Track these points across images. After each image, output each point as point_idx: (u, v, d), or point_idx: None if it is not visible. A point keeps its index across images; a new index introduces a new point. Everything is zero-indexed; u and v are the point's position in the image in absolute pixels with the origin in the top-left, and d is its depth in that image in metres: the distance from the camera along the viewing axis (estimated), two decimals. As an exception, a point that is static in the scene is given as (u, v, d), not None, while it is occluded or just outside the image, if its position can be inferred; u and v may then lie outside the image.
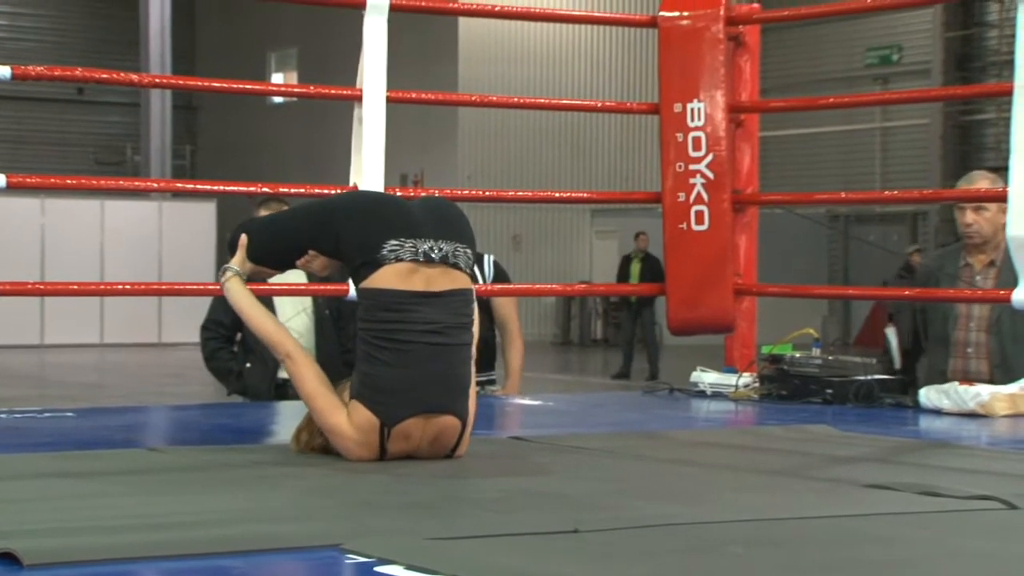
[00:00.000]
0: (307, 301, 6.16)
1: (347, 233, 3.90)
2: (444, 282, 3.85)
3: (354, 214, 3.97)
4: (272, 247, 4.12)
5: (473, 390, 3.96)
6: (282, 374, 5.91)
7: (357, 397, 3.80)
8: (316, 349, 6.01)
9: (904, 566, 2.63)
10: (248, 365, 6.20)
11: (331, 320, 6.18)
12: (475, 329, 3.97)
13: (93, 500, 3.22)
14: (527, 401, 6.10)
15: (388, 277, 3.80)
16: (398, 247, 3.81)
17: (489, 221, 27.40)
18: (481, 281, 6.23)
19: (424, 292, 3.81)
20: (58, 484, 3.48)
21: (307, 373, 3.86)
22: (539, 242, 28.71)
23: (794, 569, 2.56)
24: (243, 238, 4.05)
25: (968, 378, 5.71)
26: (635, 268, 18.58)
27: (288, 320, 6.00)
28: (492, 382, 6.61)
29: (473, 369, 3.95)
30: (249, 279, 4.08)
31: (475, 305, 3.96)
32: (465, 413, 3.88)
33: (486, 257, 6.41)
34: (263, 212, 5.98)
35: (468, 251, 3.92)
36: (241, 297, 3.99)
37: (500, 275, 6.51)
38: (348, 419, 3.80)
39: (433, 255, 3.83)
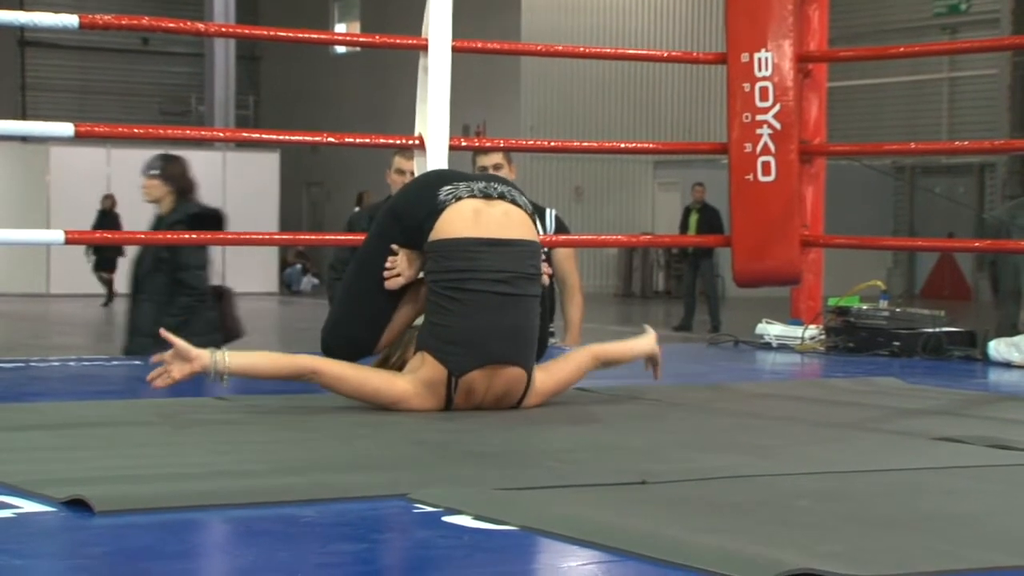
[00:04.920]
0: None
1: (404, 204, 3.97)
2: (510, 228, 3.85)
3: (404, 191, 4.09)
4: (363, 279, 3.99)
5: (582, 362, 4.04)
6: None
7: (425, 348, 3.80)
8: None
9: (974, 519, 2.61)
10: None
11: None
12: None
13: (162, 448, 3.25)
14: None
15: (454, 221, 3.82)
16: (453, 189, 3.87)
17: (551, 172, 27.33)
18: (542, 235, 6.21)
19: (491, 239, 3.81)
20: (127, 432, 3.51)
21: (340, 374, 3.83)
22: (601, 194, 28.59)
23: (863, 522, 2.54)
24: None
25: (1040, 331, 5.65)
26: (693, 219, 18.50)
27: None
28: (552, 334, 6.61)
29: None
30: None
31: (541, 259, 3.97)
32: (531, 365, 3.88)
33: (548, 211, 6.37)
34: (395, 158, 5.96)
35: (524, 196, 3.96)
36: (242, 363, 3.74)
37: (561, 230, 6.46)
38: (411, 378, 3.79)
39: (491, 192, 3.88)
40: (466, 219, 3.83)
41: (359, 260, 4.06)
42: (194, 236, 6.24)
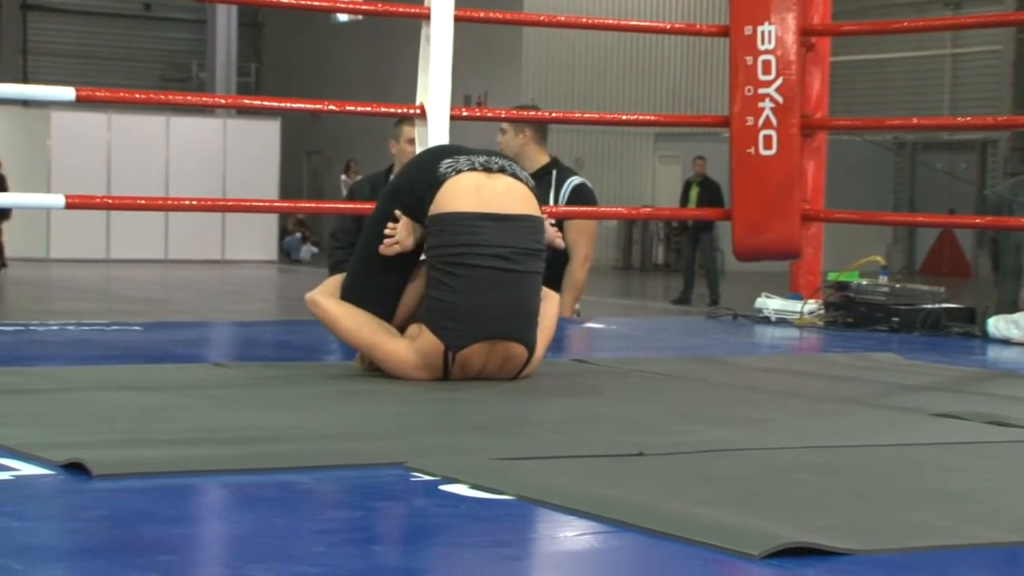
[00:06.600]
0: None
1: (404, 182, 3.96)
2: (512, 203, 3.83)
3: (404, 169, 4.09)
4: (368, 261, 3.96)
5: (555, 310, 3.98)
6: None
7: (424, 321, 3.79)
8: None
9: (971, 495, 2.61)
10: None
11: None
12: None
13: (160, 413, 3.25)
14: (589, 324, 6.09)
15: (455, 194, 3.79)
16: (453, 162, 3.85)
17: (552, 144, 27.02)
18: (553, 201, 6.18)
19: (493, 214, 3.79)
20: (125, 396, 3.51)
21: (339, 313, 3.84)
22: (602, 166, 28.52)
23: (859, 497, 2.54)
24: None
25: (1040, 308, 5.65)
26: (694, 193, 18.49)
27: None
28: None
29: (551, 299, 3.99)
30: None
31: (546, 235, 3.95)
32: (532, 342, 3.86)
33: (568, 180, 6.31)
34: (403, 128, 5.93)
35: (525, 171, 3.95)
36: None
37: (582, 200, 6.35)
38: (408, 343, 3.78)
39: (491, 166, 3.86)
40: (467, 193, 3.81)
41: (363, 242, 4.02)
42: (194, 203, 6.24)
